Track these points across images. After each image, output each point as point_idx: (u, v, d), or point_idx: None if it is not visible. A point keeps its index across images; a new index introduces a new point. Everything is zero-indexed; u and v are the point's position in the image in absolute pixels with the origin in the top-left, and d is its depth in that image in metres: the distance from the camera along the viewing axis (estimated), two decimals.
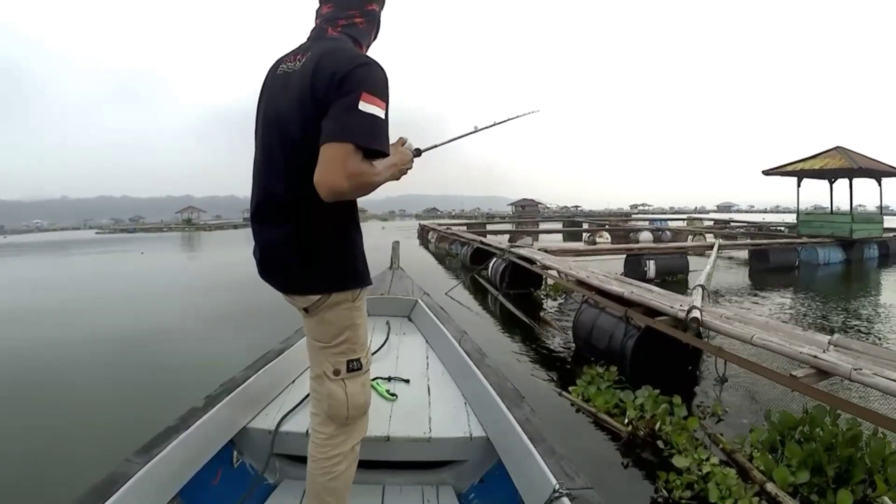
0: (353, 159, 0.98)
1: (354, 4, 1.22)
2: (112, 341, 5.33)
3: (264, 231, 1.21)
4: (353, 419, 1.25)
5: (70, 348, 5.11)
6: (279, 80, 1.19)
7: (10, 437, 3.08)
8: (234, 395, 1.69)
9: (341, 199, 1.02)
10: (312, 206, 1.11)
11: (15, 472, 2.65)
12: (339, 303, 1.19)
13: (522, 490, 1.42)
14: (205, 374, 2.91)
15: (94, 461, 1.63)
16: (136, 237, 39.53)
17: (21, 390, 3.97)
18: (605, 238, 16.63)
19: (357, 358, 1.24)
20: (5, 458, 2.80)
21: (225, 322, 6.30)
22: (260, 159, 1.22)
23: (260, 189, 1.21)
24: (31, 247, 29.49)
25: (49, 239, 42.35)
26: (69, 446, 2.91)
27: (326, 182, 0.98)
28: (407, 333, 2.90)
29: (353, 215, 1.22)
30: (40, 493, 2.38)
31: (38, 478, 2.55)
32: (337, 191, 0.99)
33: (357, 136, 0.99)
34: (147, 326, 6.05)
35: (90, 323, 6.39)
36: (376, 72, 1.09)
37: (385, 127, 1.06)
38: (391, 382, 2.13)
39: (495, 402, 1.68)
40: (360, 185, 1.00)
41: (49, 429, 3.16)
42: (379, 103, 1.04)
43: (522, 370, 4.12)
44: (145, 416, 2.48)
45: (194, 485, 1.42)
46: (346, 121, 1.01)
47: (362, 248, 1.26)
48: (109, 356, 4.82)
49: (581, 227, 22.89)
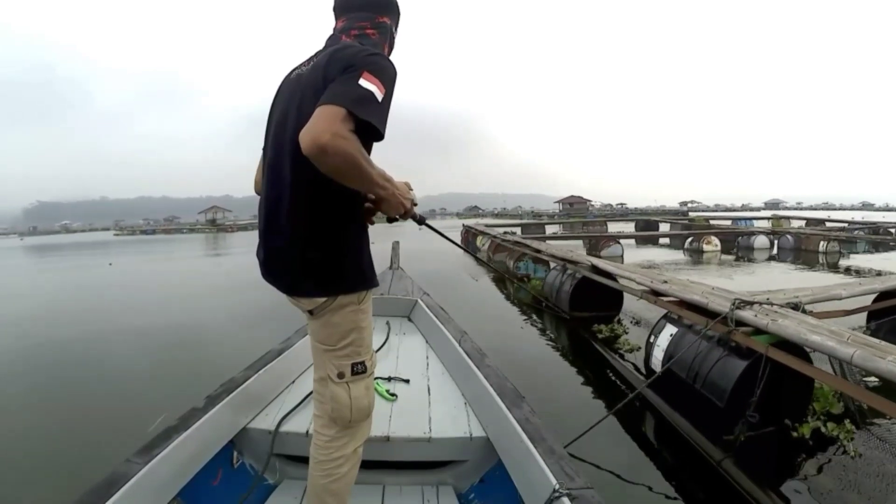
0: (342, 123, 0.95)
1: (365, 17, 1.25)
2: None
3: (270, 233, 1.21)
4: (357, 422, 1.25)
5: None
6: (292, 83, 1.20)
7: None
8: (234, 395, 1.69)
9: (321, 157, 0.94)
10: (319, 209, 1.12)
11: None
12: (344, 305, 1.19)
13: (522, 490, 1.42)
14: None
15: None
16: (153, 239, 38.81)
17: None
18: (714, 245, 13.30)
19: (362, 361, 1.24)
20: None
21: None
22: (268, 162, 1.22)
23: (267, 191, 1.21)
24: (23, 250, 29.15)
25: (57, 241, 41.91)
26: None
27: (309, 132, 0.94)
28: (407, 333, 2.90)
29: (360, 217, 1.22)
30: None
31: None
32: (318, 142, 0.93)
33: (350, 102, 0.97)
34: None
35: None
36: (383, 61, 1.10)
37: (381, 108, 1.03)
38: (391, 382, 2.13)
39: (495, 402, 1.68)
40: (342, 150, 0.94)
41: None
42: (379, 85, 1.03)
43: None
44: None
45: (194, 485, 1.42)
46: (342, 89, 1.00)
47: (368, 250, 1.25)
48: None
49: (659, 231, 19.60)
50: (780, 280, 8.59)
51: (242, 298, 7.81)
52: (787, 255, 13.03)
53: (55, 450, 2.94)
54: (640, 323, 5.64)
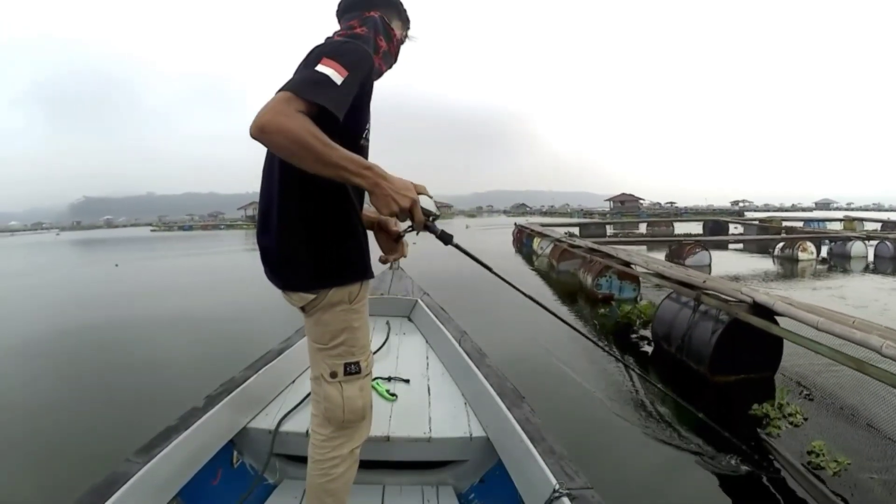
0: (285, 103, 0.92)
1: (355, 16, 1.26)
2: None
3: (263, 231, 1.22)
4: (350, 423, 1.24)
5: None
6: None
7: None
8: (234, 395, 1.69)
9: (264, 137, 0.92)
10: (307, 206, 1.13)
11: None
12: (335, 304, 1.18)
13: (522, 490, 1.42)
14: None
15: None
16: (188, 235, 38.39)
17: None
18: (811, 252, 11.50)
19: (356, 361, 1.23)
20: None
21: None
22: (264, 163, 1.23)
23: (261, 192, 1.23)
24: (44, 245, 29.49)
25: (92, 236, 41.71)
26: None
27: (255, 117, 0.92)
28: (407, 333, 2.90)
29: (351, 210, 1.21)
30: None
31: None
32: (258, 123, 0.91)
33: (297, 85, 0.95)
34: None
35: None
36: (349, 44, 1.08)
37: (338, 91, 0.99)
38: (391, 382, 2.13)
39: (495, 402, 1.68)
40: (283, 126, 0.91)
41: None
42: (337, 68, 1.00)
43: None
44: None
45: (194, 485, 1.42)
46: (296, 76, 1.01)
47: (360, 243, 1.23)
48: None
49: (729, 233, 16.29)
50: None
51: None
52: (887, 266, 10.83)
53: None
54: (810, 393, 3.53)
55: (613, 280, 6.92)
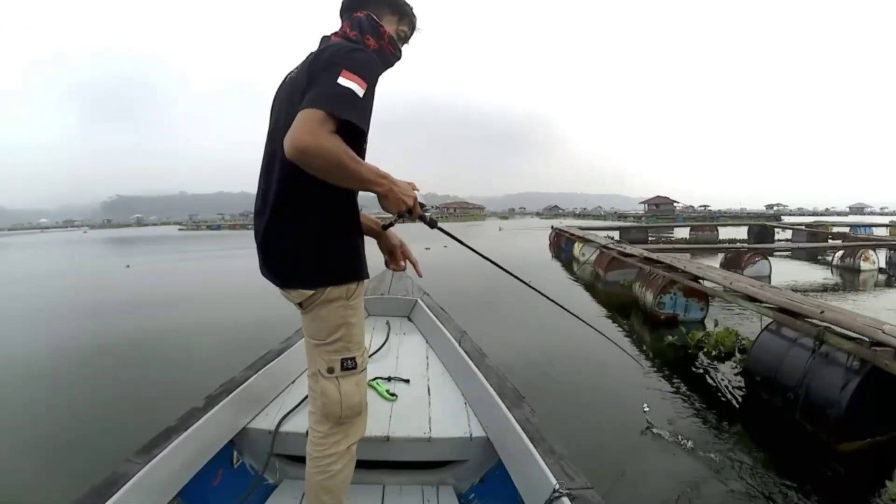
0: (321, 125, 0.97)
1: (346, 17, 1.29)
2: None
3: (261, 227, 1.23)
4: (347, 418, 1.26)
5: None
6: (286, 86, 1.23)
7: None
8: (234, 395, 1.69)
9: (304, 160, 0.97)
10: (305, 206, 1.15)
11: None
12: (332, 300, 1.20)
13: (522, 490, 1.42)
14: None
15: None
16: (214, 235, 38.20)
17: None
18: (872, 262, 10.38)
19: (352, 357, 1.25)
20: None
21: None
22: (263, 164, 1.25)
23: (259, 187, 1.25)
24: (66, 243, 29.50)
25: (120, 235, 41.46)
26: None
27: (290, 137, 0.97)
28: (407, 333, 2.90)
29: (349, 211, 1.23)
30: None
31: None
32: (298, 146, 0.96)
33: (329, 104, 0.99)
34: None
35: None
36: (362, 54, 1.11)
37: (363, 104, 1.05)
38: (391, 382, 2.13)
39: (495, 402, 1.68)
40: (324, 151, 0.96)
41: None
42: (359, 81, 1.04)
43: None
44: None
45: (194, 485, 1.42)
46: (322, 91, 1.02)
47: (358, 243, 1.26)
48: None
49: (775, 239, 14.84)
50: None
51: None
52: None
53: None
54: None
55: (679, 297, 5.85)
